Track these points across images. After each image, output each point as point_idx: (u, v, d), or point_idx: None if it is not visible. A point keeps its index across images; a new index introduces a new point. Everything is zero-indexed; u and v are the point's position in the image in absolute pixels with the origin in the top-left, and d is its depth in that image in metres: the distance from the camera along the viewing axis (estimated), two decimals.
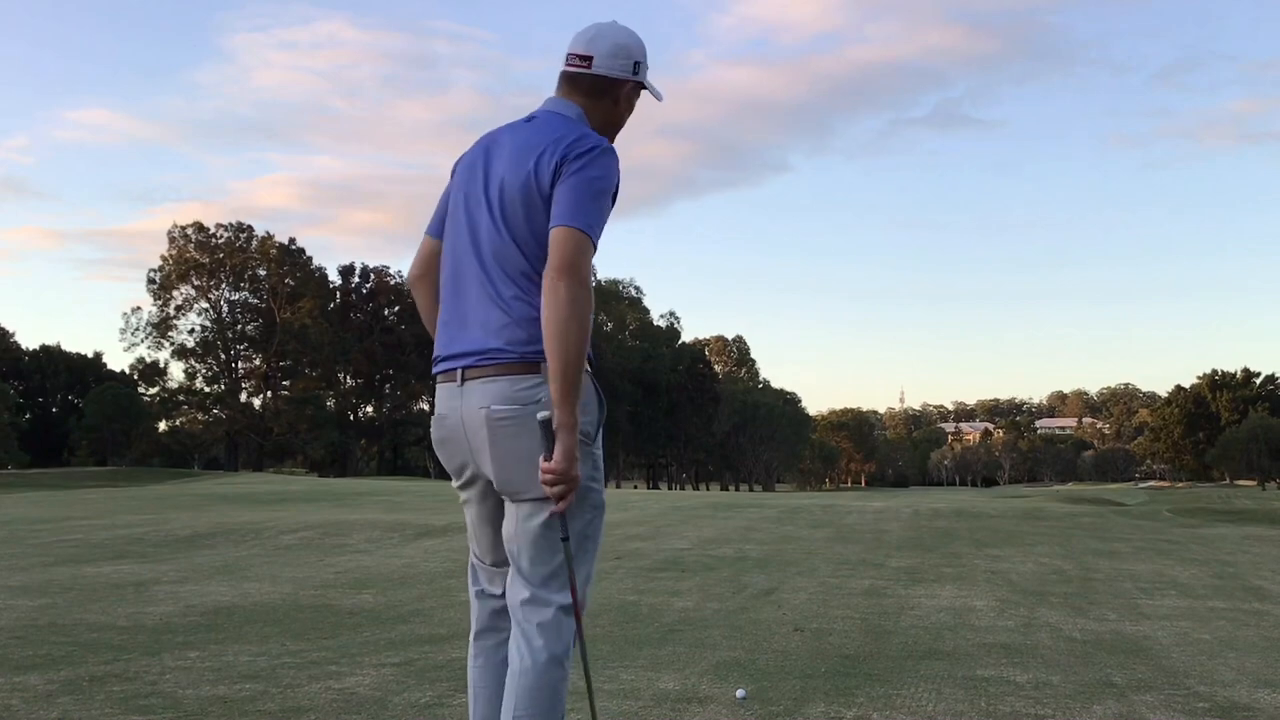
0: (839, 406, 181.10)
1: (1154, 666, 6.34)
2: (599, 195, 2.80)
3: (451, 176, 3.15)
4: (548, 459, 2.71)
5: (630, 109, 3.11)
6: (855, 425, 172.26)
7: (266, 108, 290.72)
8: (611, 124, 3.07)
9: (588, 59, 3.01)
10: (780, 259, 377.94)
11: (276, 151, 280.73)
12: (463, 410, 2.91)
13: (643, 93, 3.12)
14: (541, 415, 2.72)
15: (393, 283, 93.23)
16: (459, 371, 2.92)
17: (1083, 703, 5.18)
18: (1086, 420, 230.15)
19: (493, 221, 2.89)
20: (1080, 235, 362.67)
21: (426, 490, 33.93)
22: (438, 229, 3.14)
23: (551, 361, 2.69)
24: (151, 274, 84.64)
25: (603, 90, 3.03)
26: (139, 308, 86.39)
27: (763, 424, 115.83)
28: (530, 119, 3.01)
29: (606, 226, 2.86)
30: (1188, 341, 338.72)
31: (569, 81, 3.05)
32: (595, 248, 2.78)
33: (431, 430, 3.06)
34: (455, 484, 3.08)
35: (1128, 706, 5.10)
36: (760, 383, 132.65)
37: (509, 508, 2.91)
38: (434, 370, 3.06)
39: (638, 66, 3.05)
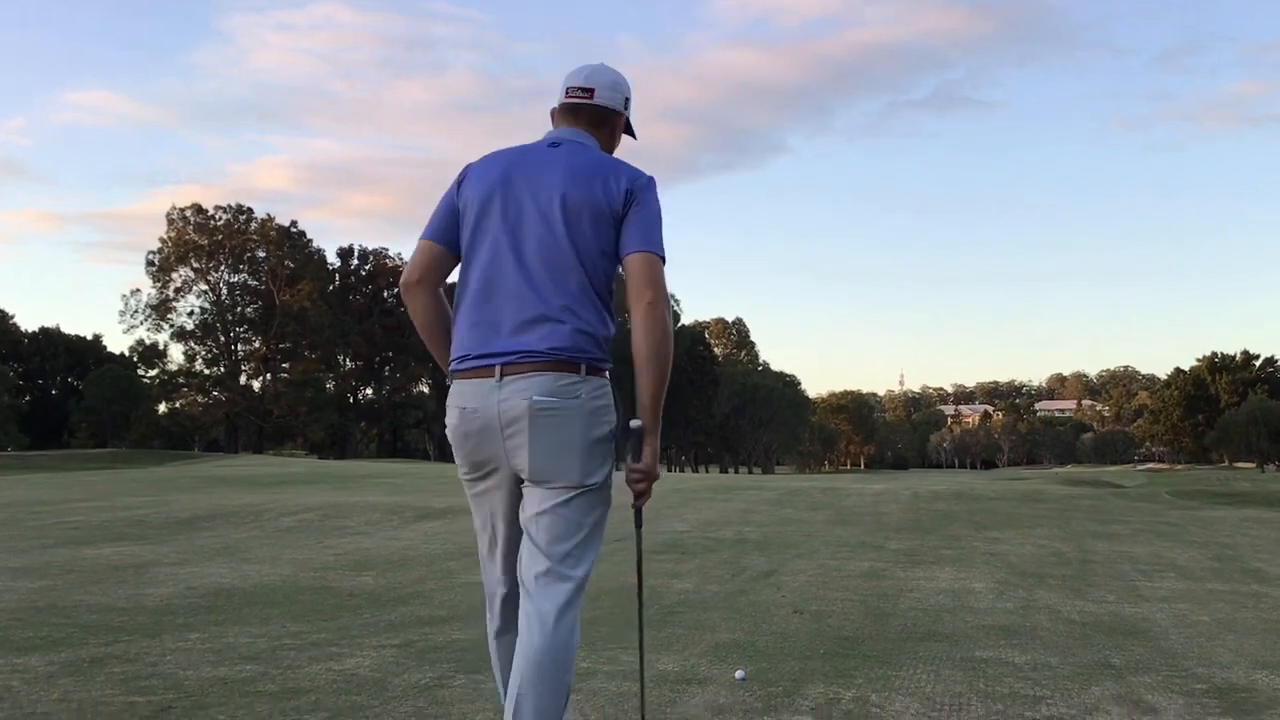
0: (838, 389, 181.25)
1: (1152, 648, 6.35)
2: (661, 222, 3.09)
3: (460, 186, 3.21)
4: (635, 461, 3.04)
5: (618, 140, 3.34)
6: (855, 408, 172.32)
7: (264, 90, 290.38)
8: (608, 152, 3.26)
9: (590, 91, 3.23)
10: (780, 242, 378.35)
11: (275, 134, 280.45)
12: (499, 403, 2.98)
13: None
14: (634, 423, 3.03)
15: (392, 265, 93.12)
16: (497, 368, 2.99)
17: (1081, 684, 5.19)
18: (1086, 403, 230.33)
19: (551, 234, 3.02)
20: (1080, 218, 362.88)
21: (427, 473, 33.98)
22: (441, 234, 3.20)
23: (650, 371, 3.02)
24: (150, 256, 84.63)
25: (602, 120, 3.26)
26: (138, 290, 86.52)
27: (762, 406, 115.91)
28: (556, 144, 3.17)
29: None
30: (1188, 324, 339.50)
31: (572, 112, 3.25)
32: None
33: (453, 423, 3.10)
34: (470, 475, 3.16)
35: (1126, 688, 5.12)
36: (760, 365, 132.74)
37: (533, 493, 3.04)
38: (461, 366, 3.09)
39: (627, 102, 3.32)
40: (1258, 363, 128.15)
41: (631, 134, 3.39)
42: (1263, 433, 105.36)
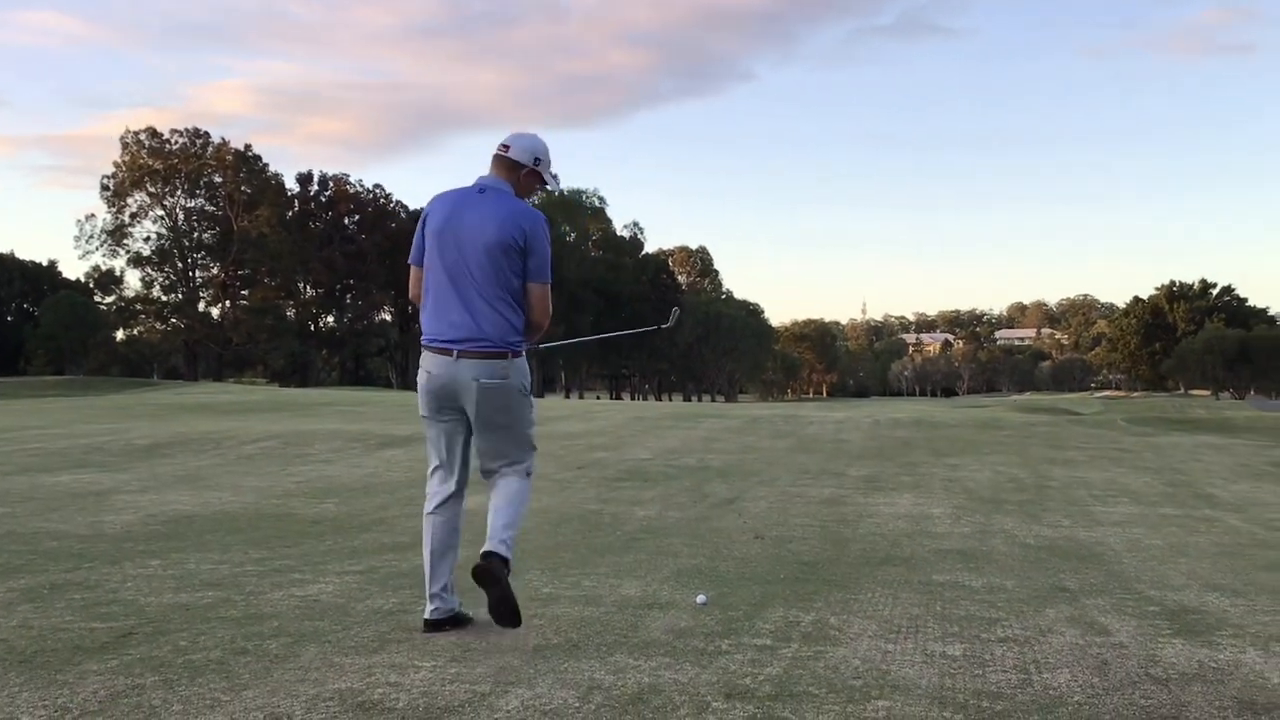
0: (801, 318, 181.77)
1: (1106, 571, 6.48)
2: (547, 258, 4.57)
3: (424, 223, 4.62)
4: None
5: (530, 187, 4.71)
6: (817, 336, 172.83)
7: (219, 10, 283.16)
8: (522, 192, 4.66)
9: (507, 147, 4.68)
10: (744, 170, 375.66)
11: (230, 56, 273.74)
12: (455, 375, 4.47)
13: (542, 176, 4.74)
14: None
15: (353, 191, 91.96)
16: (454, 351, 4.45)
17: (1035, 606, 5.29)
18: (1045, 331, 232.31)
19: (489, 259, 4.44)
20: (1044, 147, 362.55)
21: (389, 401, 33.89)
22: (422, 260, 4.61)
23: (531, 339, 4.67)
24: (105, 181, 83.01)
25: (513, 169, 4.66)
26: (93, 215, 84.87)
27: (725, 335, 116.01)
28: (482, 190, 4.58)
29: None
30: (1147, 253, 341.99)
31: (496, 161, 4.68)
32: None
33: (422, 381, 4.60)
34: (429, 415, 4.64)
35: (1079, 610, 5.21)
36: (724, 294, 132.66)
37: (482, 431, 4.58)
38: (429, 344, 4.53)
39: (537, 160, 4.69)
40: (1215, 291, 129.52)
41: (547, 181, 4.73)
42: (1218, 361, 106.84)
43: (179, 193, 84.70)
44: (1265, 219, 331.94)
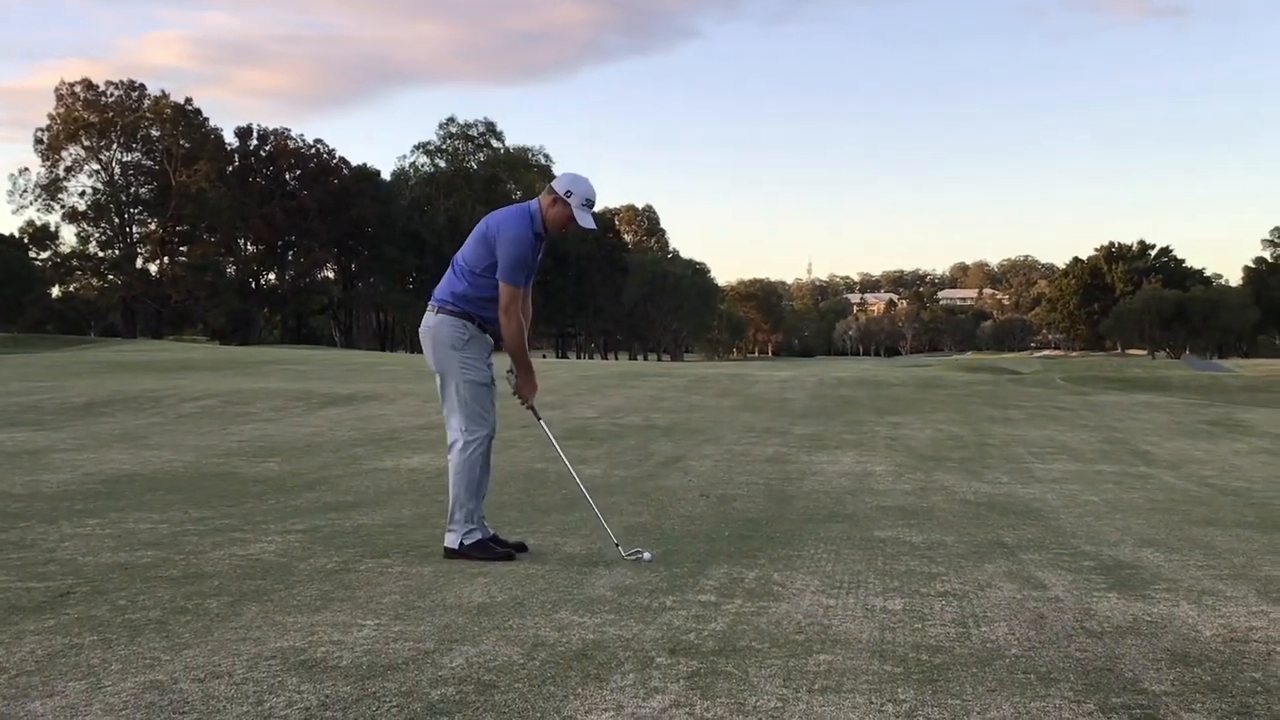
0: (747, 277, 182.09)
1: (1043, 527, 6.59)
2: (509, 260, 5.16)
3: None
4: (513, 388, 5.50)
5: (553, 212, 5.26)
6: (763, 296, 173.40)
7: None
8: (550, 217, 5.28)
9: (552, 177, 5.81)
10: (691, 129, 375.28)
11: (165, 7, 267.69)
12: (430, 326, 5.33)
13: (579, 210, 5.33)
14: (509, 367, 5.46)
15: (294, 147, 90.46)
16: (434, 306, 5.34)
17: (974, 561, 5.37)
18: (987, 291, 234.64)
19: (470, 243, 5.31)
20: (987, 107, 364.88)
21: (331, 359, 33.60)
22: None
23: (506, 344, 5.35)
24: (39, 134, 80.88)
25: (549, 193, 5.30)
26: (26, 169, 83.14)
27: (671, 294, 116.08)
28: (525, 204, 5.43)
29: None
30: (1087, 214, 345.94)
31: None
32: (517, 285, 5.20)
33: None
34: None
35: (1017, 565, 5.30)
36: (670, 253, 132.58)
37: (440, 383, 5.35)
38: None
39: (569, 193, 5.25)
40: (1153, 253, 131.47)
41: (573, 216, 5.28)
42: (1155, 321, 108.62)
43: (115, 146, 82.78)
44: (1204, 181, 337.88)
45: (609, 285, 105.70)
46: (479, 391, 5.24)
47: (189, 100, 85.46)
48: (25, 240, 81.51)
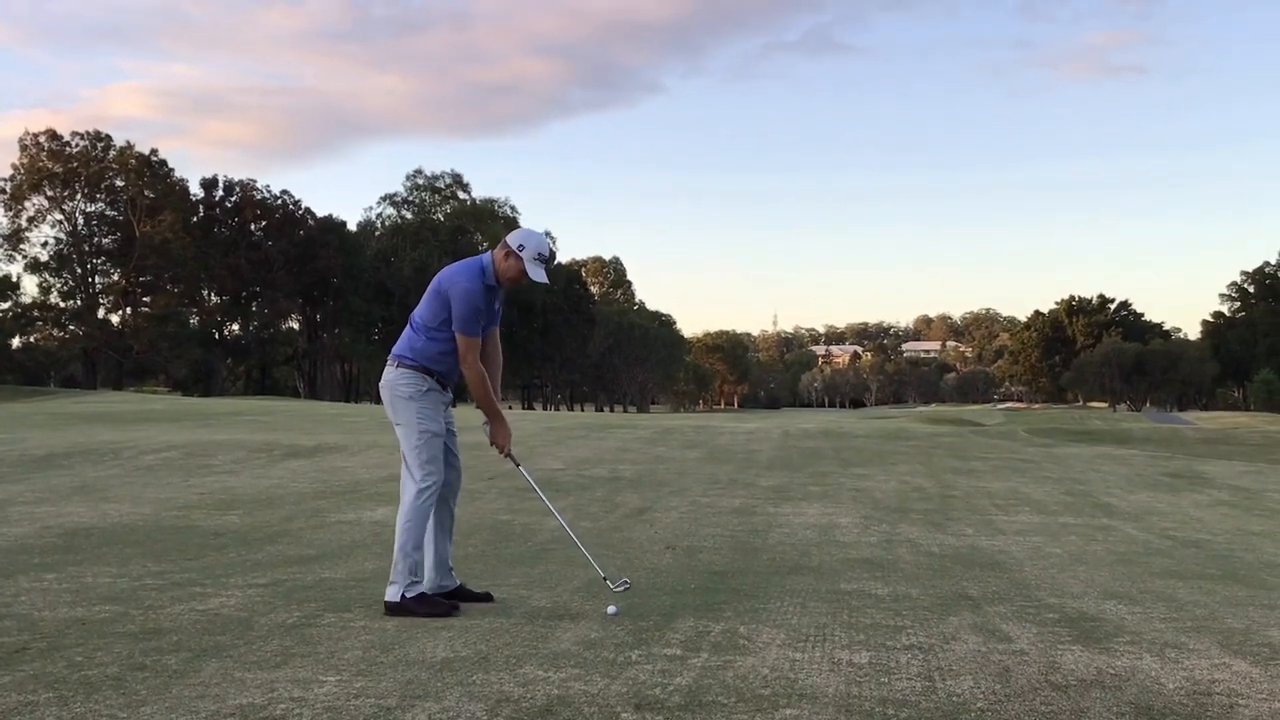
0: (713, 329, 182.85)
1: (1007, 579, 6.61)
2: (463, 312, 5.27)
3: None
4: (488, 438, 5.54)
5: (506, 265, 5.38)
6: (729, 347, 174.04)
7: (117, 10, 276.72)
8: (502, 270, 5.41)
9: (518, 228, 5.69)
10: (656, 182, 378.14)
11: (129, 58, 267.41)
12: (389, 380, 5.46)
13: (529, 260, 5.42)
14: (482, 418, 5.55)
15: (260, 197, 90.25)
16: (393, 361, 5.46)
17: (939, 614, 5.37)
18: (950, 344, 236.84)
19: (425, 298, 5.41)
20: (948, 164, 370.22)
21: (296, 410, 33.34)
22: None
23: (473, 392, 5.54)
24: (2, 184, 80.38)
25: (502, 248, 5.43)
26: None
27: (638, 345, 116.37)
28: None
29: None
30: (1048, 268, 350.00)
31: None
32: (472, 335, 5.33)
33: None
34: None
35: (982, 617, 5.31)
36: (636, 304, 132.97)
37: (399, 434, 5.47)
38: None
39: (521, 247, 5.38)
40: (1113, 306, 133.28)
41: (524, 269, 5.37)
42: (1115, 373, 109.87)
43: (79, 197, 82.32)
44: (1162, 235, 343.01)
45: (575, 336, 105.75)
46: (433, 442, 5.32)
47: (154, 151, 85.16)
48: None
